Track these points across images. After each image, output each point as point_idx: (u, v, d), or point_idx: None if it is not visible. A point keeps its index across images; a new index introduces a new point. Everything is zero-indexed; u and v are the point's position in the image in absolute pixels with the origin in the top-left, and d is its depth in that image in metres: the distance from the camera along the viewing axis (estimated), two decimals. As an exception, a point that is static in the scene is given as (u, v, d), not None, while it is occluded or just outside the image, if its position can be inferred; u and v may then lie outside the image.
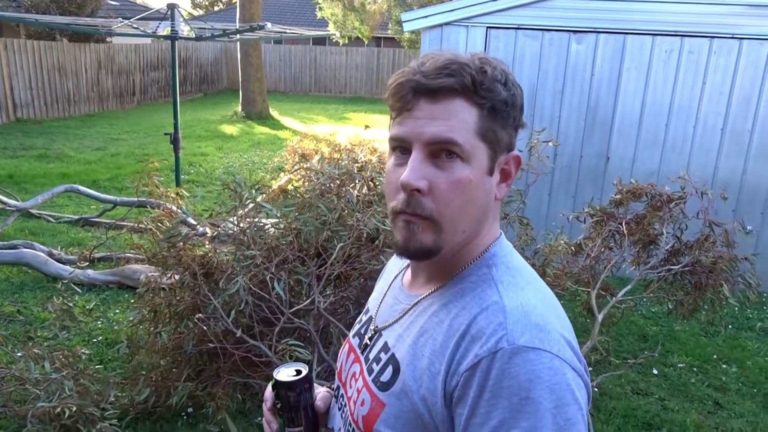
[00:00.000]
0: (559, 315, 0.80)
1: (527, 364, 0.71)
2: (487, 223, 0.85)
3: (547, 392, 0.70)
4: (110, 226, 5.70)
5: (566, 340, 0.75)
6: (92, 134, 10.67)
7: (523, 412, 0.70)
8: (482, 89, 0.79)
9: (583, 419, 0.73)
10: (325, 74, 19.76)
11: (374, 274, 3.16)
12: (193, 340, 2.90)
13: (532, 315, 0.75)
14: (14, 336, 3.58)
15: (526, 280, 0.82)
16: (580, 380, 0.74)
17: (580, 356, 0.77)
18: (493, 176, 0.82)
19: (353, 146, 7.21)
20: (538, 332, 0.73)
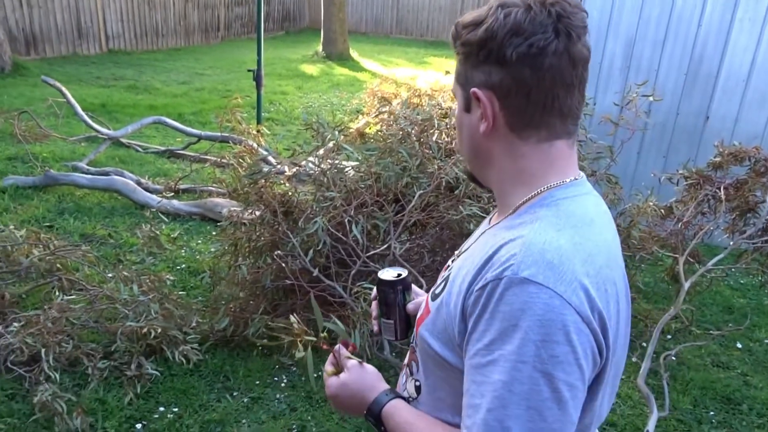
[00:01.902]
0: (592, 263, 0.81)
1: (524, 295, 0.76)
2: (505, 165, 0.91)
3: (536, 325, 0.75)
4: (194, 159, 5.89)
5: (582, 285, 0.78)
6: (178, 68, 10.95)
7: (510, 336, 0.76)
8: (457, 39, 0.90)
9: (577, 364, 0.76)
10: (407, 15, 19.29)
11: (451, 224, 3.12)
12: (271, 275, 2.98)
13: (549, 253, 0.79)
14: (105, 258, 3.79)
15: (570, 224, 0.84)
16: (584, 327, 0.77)
17: (598, 307, 0.79)
18: (471, 113, 0.91)
19: (434, 92, 7.06)
20: (546, 269, 0.77)
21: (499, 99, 0.87)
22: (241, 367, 2.91)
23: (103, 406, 2.59)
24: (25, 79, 8.71)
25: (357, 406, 1.03)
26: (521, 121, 0.88)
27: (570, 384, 0.77)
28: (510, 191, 0.92)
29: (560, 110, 0.88)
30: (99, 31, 11.77)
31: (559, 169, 0.90)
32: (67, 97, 6.02)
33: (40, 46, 10.73)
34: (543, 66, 0.84)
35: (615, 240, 0.92)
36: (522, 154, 0.90)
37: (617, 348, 0.88)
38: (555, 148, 0.90)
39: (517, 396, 0.76)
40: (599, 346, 0.80)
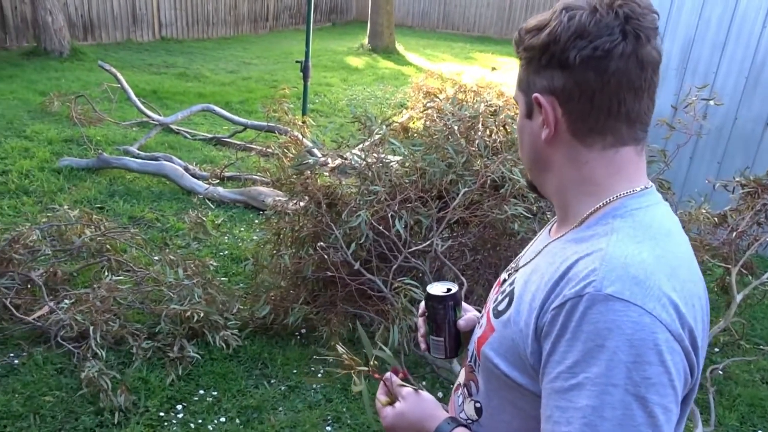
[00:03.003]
0: (676, 277, 0.77)
1: (610, 313, 0.72)
2: (568, 172, 0.87)
3: (625, 345, 0.71)
4: (240, 147, 5.98)
5: (671, 301, 0.74)
6: (227, 57, 11.11)
7: (596, 358, 0.71)
8: (520, 44, 0.88)
9: (671, 385, 0.72)
10: (455, 10, 19.14)
11: (495, 223, 3.08)
12: (313, 266, 3.00)
13: (633, 267, 0.75)
14: (152, 241, 3.89)
15: (649, 235, 0.80)
16: (676, 345, 0.73)
17: (688, 324, 0.75)
18: (533, 119, 0.88)
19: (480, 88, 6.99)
20: (632, 285, 0.73)
21: (562, 104, 0.84)
22: (279, 355, 2.95)
23: (146, 385, 2.65)
24: (82, 64, 8.98)
25: None
26: (585, 127, 0.85)
27: (665, 407, 0.72)
28: (573, 201, 0.89)
29: (627, 115, 0.84)
30: (153, 19, 12.04)
31: (626, 178, 0.86)
32: (122, 83, 6.18)
33: (96, 32, 11.05)
34: (608, 69, 0.80)
35: (692, 252, 0.87)
36: (586, 162, 0.86)
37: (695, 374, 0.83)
38: (621, 155, 0.85)
39: (609, 422, 0.71)
40: (690, 364, 0.76)
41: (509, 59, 13.28)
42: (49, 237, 3.48)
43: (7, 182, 4.61)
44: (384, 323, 2.73)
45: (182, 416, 2.52)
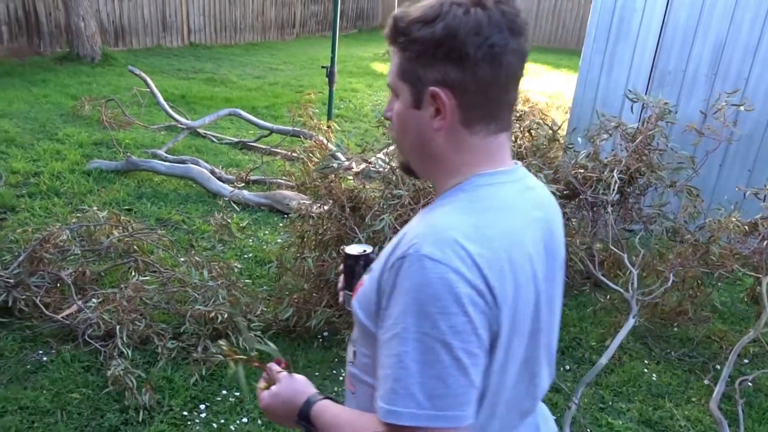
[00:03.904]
0: (488, 245, 0.85)
1: (423, 271, 0.81)
2: (453, 158, 0.94)
3: (433, 298, 0.80)
4: (265, 151, 6.03)
5: (475, 262, 0.82)
6: (254, 62, 11.25)
7: (411, 310, 0.81)
8: (403, 35, 0.90)
9: (474, 333, 0.82)
10: (481, 17, 19.13)
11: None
12: (336, 269, 3.01)
13: (449, 231, 0.84)
14: (179, 242, 3.94)
15: (478, 208, 0.90)
16: (478, 299, 0.82)
17: (490, 283, 0.83)
18: (422, 110, 0.92)
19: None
20: (444, 247, 0.82)
21: (456, 96, 0.89)
22: (302, 358, 2.96)
23: (170, 385, 2.69)
24: (112, 69, 9.17)
25: (289, 413, 1.06)
26: (476, 116, 0.91)
27: (469, 352, 0.82)
28: (449, 182, 0.96)
29: (509, 103, 0.94)
30: (182, 25, 12.25)
31: (497, 160, 0.95)
32: (151, 87, 6.29)
33: (127, 38, 11.27)
34: (502, 64, 0.88)
35: (532, 227, 0.95)
36: (469, 148, 0.93)
37: (520, 329, 0.92)
38: (499, 140, 0.95)
39: (421, 365, 0.81)
40: (494, 318, 0.85)
41: (535, 65, 13.20)
42: (79, 237, 3.55)
43: (39, 183, 4.72)
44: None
45: (205, 416, 2.54)
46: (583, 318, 3.52)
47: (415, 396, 0.81)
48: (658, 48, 4.60)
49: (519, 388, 0.99)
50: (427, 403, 0.81)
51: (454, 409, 0.82)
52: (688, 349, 3.31)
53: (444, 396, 0.81)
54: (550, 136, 3.35)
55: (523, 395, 1.02)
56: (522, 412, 1.04)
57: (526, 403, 1.04)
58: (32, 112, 6.61)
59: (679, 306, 3.41)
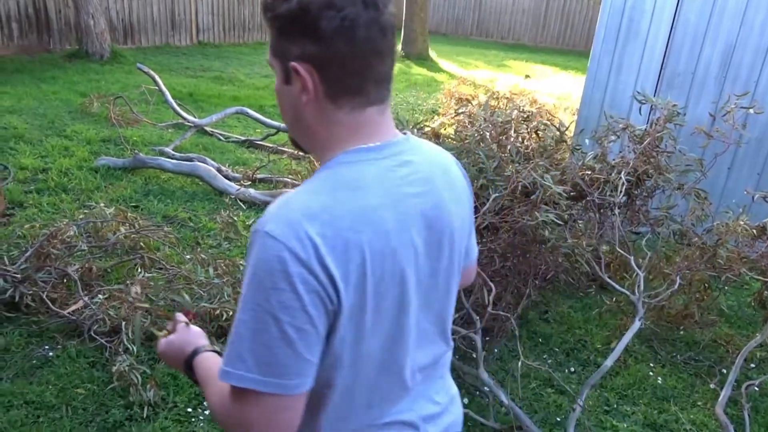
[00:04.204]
0: (332, 224, 0.88)
1: (262, 247, 0.86)
2: (324, 132, 0.97)
3: (268, 274, 0.85)
4: (272, 150, 6.04)
5: (312, 242, 0.86)
6: (261, 61, 11.27)
7: (252, 282, 0.87)
8: (268, 11, 0.93)
9: (303, 310, 0.86)
10: (489, 17, 19.08)
11: (525, 229, 3.05)
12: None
13: (292, 212, 0.88)
14: (185, 239, 3.95)
15: (331, 187, 0.92)
16: (310, 278, 0.85)
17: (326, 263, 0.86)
18: (292, 85, 0.95)
19: (513, 95, 6.94)
20: (284, 226, 0.86)
21: (317, 71, 0.92)
22: (306, 356, 2.96)
23: (175, 381, 2.69)
24: (121, 66, 9.21)
25: (178, 360, 1.13)
26: (339, 90, 0.94)
27: (296, 327, 0.86)
28: (326, 157, 0.98)
29: (375, 78, 0.94)
30: (191, 24, 12.29)
31: (365, 135, 0.97)
32: (159, 85, 6.31)
33: (136, 36, 11.32)
34: (356, 37, 0.89)
35: (400, 204, 0.96)
36: (336, 122, 0.96)
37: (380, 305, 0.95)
38: (366, 115, 0.96)
39: (252, 333, 0.86)
40: (329, 295, 0.88)
41: (544, 67, 13.18)
42: (86, 233, 3.57)
43: (47, 180, 4.74)
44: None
45: (209, 413, 2.55)
46: (588, 320, 3.51)
47: (245, 361, 0.87)
48: (667, 49, 4.58)
49: (393, 360, 1.03)
50: (255, 368, 0.87)
51: (280, 378, 0.87)
52: (694, 352, 3.29)
53: (271, 364, 0.87)
54: (558, 138, 3.33)
55: (402, 366, 1.05)
56: (403, 379, 1.07)
57: (406, 371, 1.06)
58: (41, 108, 6.64)
59: (686, 309, 3.39)
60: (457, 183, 1.10)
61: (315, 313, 0.87)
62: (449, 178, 1.08)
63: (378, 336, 0.98)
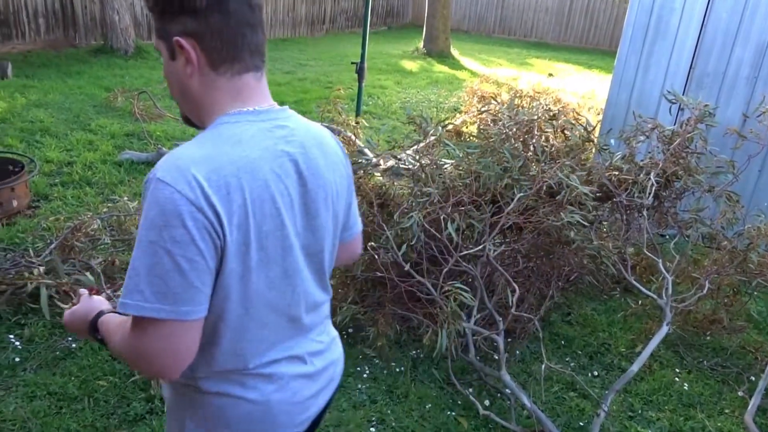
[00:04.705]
0: (216, 171, 1.00)
1: (155, 191, 0.97)
2: (208, 99, 1.10)
3: (160, 213, 0.96)
4: (293, 146, 6.03)
5: (199, 184, 0.97)
6: (284, 58, 11.30)
7: (146, 223, 0.97)
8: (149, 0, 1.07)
9: (193, 243, 0.97)
10: (512, 15, 18.92)
11: (549, 230, 3.00)
12: (362, 266, 2.99)
13: (180, 160, 1.00)
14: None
15: (214, 141, 1.04)
16: (199, 215, 0.97)
17: (213, 203, 0.98)
18: (177, 60, 1.08)
19: (536, 93, 6.86)
20: (173, 171, 0.98)
21: (198, 43, 1.05)
22: (326, 354, 2.94)
23: (195, 376, 2.69)
24: (145, 62, 9.29)
25: (83, 326, 1.23)
26: (218, 59, 1.07)
27: (188, 258, 0.97)
28: (207, 121, 1.11)
29: (249, 47, 1.09)
30: (214, 20, 12.35)
31: (244, 99, 1.11)
32: (182, 80, 6.34)
33: (160, 32, 11.40)
34: (228, 11, 1.04)
35: (276, 159, 1.09)
36: (217, 87, 1.09)
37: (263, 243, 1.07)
38: (243, 80, 1.10)
39: (147, 267, 0.97)
40: (216, 231, 0.99)
41: (566, 65, 13.03)
42: (109, 227, 3.59)
43: (72, 173, 4.79)
44: (432, 327, 2.69)
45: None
46: (612, 323, 3.45)
47: (143, 292, 0.97)
48: (697, 48, 4.48)
49: (279, 296, 1.15)
50: (152, 297, 0.97)
51: (175, 305, 0.98)
52: (721, 358, 3.22)
53: (166, 293, 0.97)
54: (584, 137, 3.28)
55: (287, 303, 1.17)
56: (291, 318, 1.19)
57: (293, 311, 1.19)
58: (67, 102, 6.72)
59: (714, 314, 3.32)
60: (331, 153, 1.22)
61: (204, 246, 0.98)
62: (324, 148, 1.20)
63: (264, 274, 1.10)
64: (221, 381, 1.14)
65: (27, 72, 7.87)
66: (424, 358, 3.01)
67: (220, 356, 1.11)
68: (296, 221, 1.14)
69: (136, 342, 1.02)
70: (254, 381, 1.16)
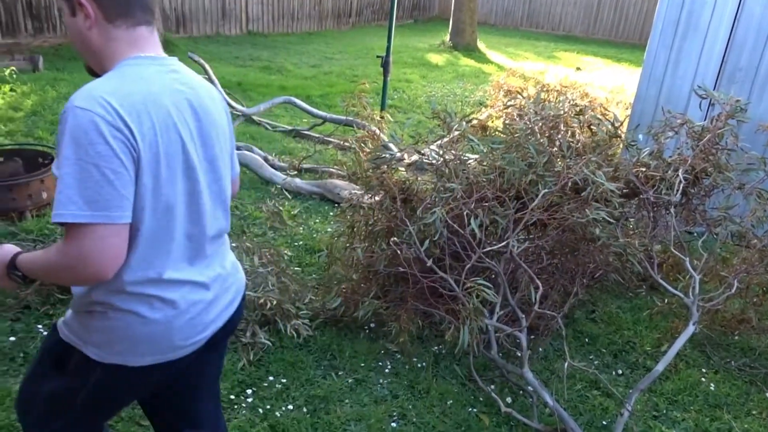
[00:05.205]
0: (125, 97, 1.22)
1: (75, 117, 1.17)
2: (108, 49, 1.31)
3: (84, 134, 1.15)
4: (318, 140, 6.07)
5: (112, 107, 1.18)
6: (310, 51, 11.33)
7: (70, 144, 1.16)
8: None
9: (116, 156, 1.17)
10: (539, 8, 18.68)
11: (574, 227, 2.97)
12: (385, 261, 3.00)
13: (93, 90, 1.20)
14: (231, 227, 4.00)
15: (120, 77, 1.27)
16: (116, 133, 1.18)
17: (127, 123, 1.19)
18: (77, 16, 1.30)
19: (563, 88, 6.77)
20: (88, 98, 1.19)
21: (95, 0, 1.27)
22: (348, 348, 2.96)
23: (219, 368, 2.73)
24: (172, 55, 9.34)
25: (1, 270, 1.36)
26: (113, 13, 1.29)
27: (112, 169, 1.17)
28: (109, 68, 1.31)
29: (140, 4, 1.32)
30: (241, 14, 12.44)
31: (140, 48, 1.33)
32: (209, 74, 6.40)
33: (188, 25, 11.52)
34: None
35: (173, 94, 1.32)
36: (115, 38, 1.31)
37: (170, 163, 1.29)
38: (138, 32, 1.33)
39: (77, 181, 1.15)
40: (133, 146, 1.20)
41: (595, 59, 12.84)
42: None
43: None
44: (454, 323, 2.69)
45: (251, 401, 2.58)
46: (637, 321, 3.40)
47: (76, 202, 1.14)
48: (729, 43, 4.38)
49: (187, 214, 1.36)
50: (85, 206, 1.15)
51: (106, 210, 1.17)
52: (749, 359, 3.16)
53: (98, 201, 1.15)
54: (612, 133, 3.23)
55: (194, 222, 1.38)
56: (195, 238, 1.40)
57: (197, 231, 1.40)
58: (97, 96, 6.83)
59: (742, 314, 3.25)
60: (217, 99, 1.46)
61: (125, 158, 1.19)
62: (210, 93, 1.44)
63: (172, 189, 1.30)
64: (132, 300, 1.32)
65: (58, 65, 8.02)
66: (446, 354, 3.01)
67: (134, 262, 1.29)
68: (196, 149, 1.36)
69: (73, 249, 1.18)
70: (160, 304, 1.35)
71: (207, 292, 1.44)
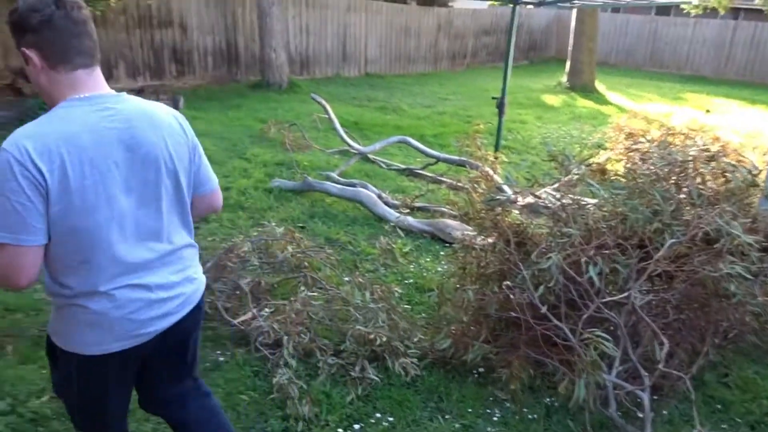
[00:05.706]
0: (41, 140, 1.43)
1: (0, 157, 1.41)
2: (54, 91, 1.52)
3: (2, 172, 1.40)
4: (431, 179, 6.13)
5: (26, 150, 1.40)
6: (424, 92, 11.57)
7: None
8: (8, 23, 1.50)
9: (24, 193, 1.41)
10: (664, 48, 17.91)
11: (705, 281, 2.76)
12: (497, 304, 2.94)
13: (18, 133, 1.43)
14: (344, 262, 4.11)
15: (47, 121, 1.47)
16: (26, 173, 1.40)
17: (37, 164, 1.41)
18: (30, 65, 1.50)
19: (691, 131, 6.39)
20: (10, 142, 1.42)
21: (38, 51, 1.48)
22: (456, 391, 2.91)
23: (328, 400, 2.78)
24: (296, 96, 9.96)
25: None
26: (55, 61, 1.49)
27: (20, 203, 1.41)
28: None
29: (78, 51, 1.51)
30: (360, 56, 12.99)
31: (78, 89, 1.52)
32: (329, 114, 6.71)
33: (311, 68, 12.21)
34: (55, 27, 1.46)
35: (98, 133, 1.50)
36: (58, 81, 1.51)
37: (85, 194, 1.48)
38: (75, 75, 1.52)
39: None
40: (41, 183, 1.42)
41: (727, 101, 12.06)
42: (258, 250, 3.85)
43: (228, 198, 5.21)
44: (569, 375, 2.57)
45: (357, 435, 2.59)
46: (778, 389, 3.06)
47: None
48: None
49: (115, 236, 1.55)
50: (1, 230, 1.42)
51: (15, 234, 1.43)
52: None
53: (10, 226, 1.42)
54: (749, 181, 2.99)
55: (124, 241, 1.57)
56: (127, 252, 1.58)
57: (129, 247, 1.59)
58: (226, 132, 7.37)
59: None
60: (164, 126, 1.62)
61: (31, 194, 1.41)
62: (153, 121, 1.60)
63: (93, 217, 1.50)
64: (79, 296, 1.56)
65: (195, 105, 8.75)
66: (559, 407, 2.87)
67: (80, 281, 1.54)
68: (128, 179, 1.55)
69: None
70: (99, 298, 1.57)
71: (148, 293, 1.64)
